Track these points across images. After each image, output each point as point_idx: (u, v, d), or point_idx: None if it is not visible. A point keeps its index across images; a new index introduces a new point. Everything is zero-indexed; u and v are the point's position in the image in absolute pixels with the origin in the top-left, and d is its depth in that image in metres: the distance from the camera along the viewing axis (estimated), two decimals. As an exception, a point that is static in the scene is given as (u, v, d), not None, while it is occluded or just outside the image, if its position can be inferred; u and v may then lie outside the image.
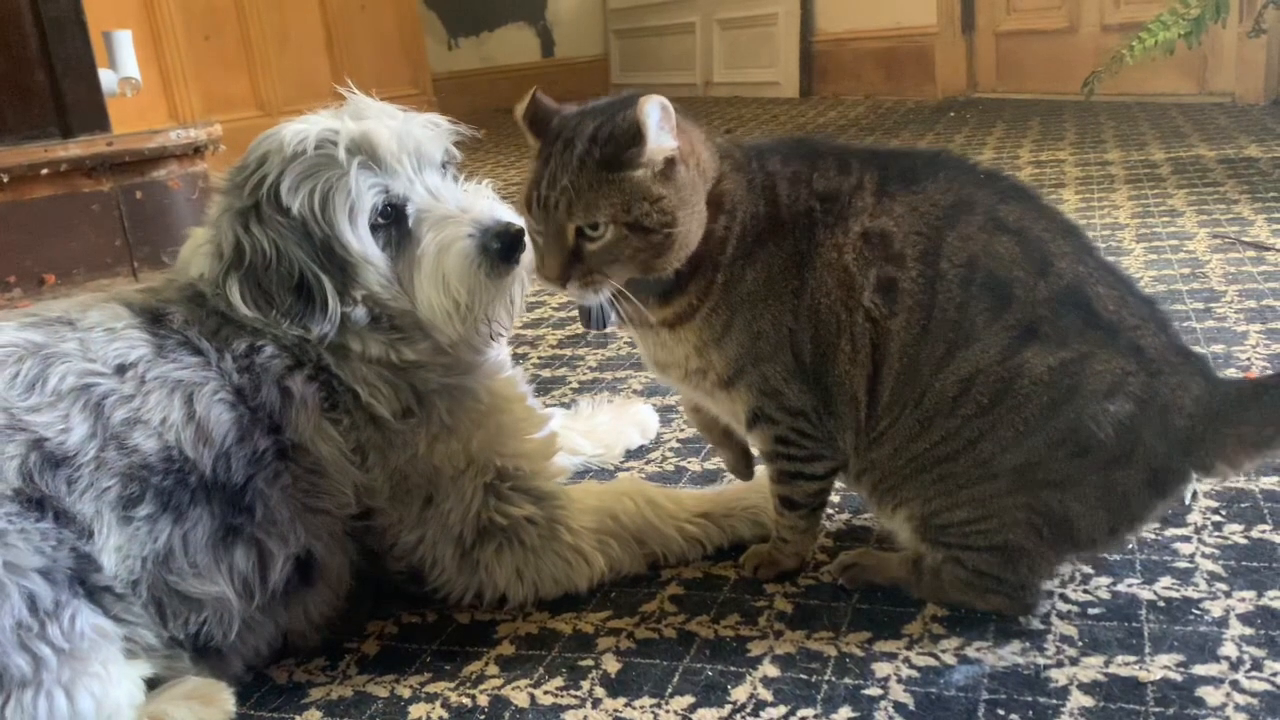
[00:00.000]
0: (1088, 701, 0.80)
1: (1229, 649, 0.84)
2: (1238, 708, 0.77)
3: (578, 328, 1.84)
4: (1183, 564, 0.96)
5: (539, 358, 1.74)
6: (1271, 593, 0.91)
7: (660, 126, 0.82)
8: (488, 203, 0.98)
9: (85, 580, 0.82)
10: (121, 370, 0.88)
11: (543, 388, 1.57)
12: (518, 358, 1.71)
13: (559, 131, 0.86)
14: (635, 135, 0.82)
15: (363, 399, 0.94)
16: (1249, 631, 0.86)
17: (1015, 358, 0.84)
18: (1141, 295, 0.89)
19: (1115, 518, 0.87)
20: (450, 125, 1.01)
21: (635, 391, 1.54)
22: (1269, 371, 1.38)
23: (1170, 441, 0.84)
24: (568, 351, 1.75)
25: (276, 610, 0.92)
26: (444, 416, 0.98)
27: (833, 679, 0.86)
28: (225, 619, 0.89)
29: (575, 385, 1.59)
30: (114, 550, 0.84)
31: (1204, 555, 0.97)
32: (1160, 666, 0.83)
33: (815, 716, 0.82)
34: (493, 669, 0.92)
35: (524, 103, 0.89)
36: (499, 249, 0.94)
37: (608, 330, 0.97)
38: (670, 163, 0.84)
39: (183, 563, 0.86)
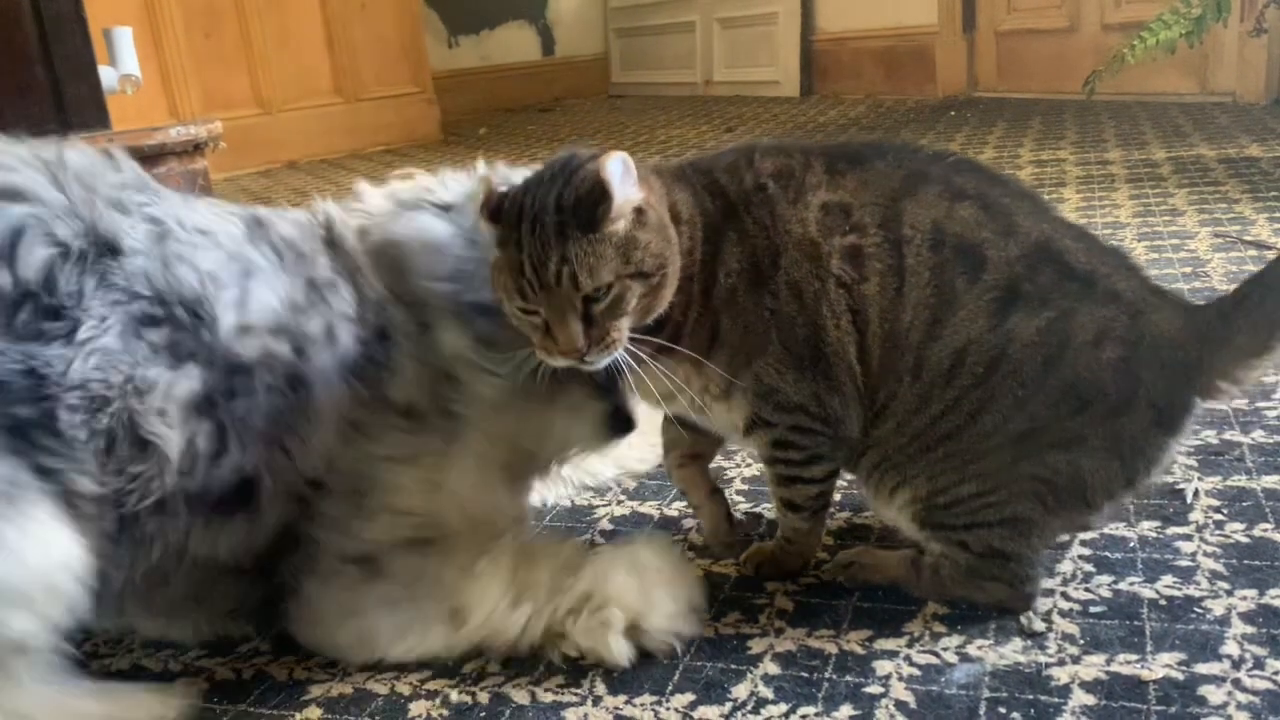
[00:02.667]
0: (1089, 700, 0.79)
1: (1231, 647, 0.84)
2: (1240, 706, 0.77)
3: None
4: (1184, 562, 0.96)
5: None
6: (1273, 591, 0.90)
7: (623, 181, 0.82)
8: None
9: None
10: (201, 232, 0.91)
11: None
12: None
13: (517, 213, 0.84)
14: (601, 193, 0.81)
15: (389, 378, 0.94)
16: (1251, 630, 0.86)
17: (1003, 325, 0.85)
18: (1106, 245, 0.91)
19: (1130, 467, 0.87)
20: None
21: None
22: (1270, 374, 1.38)
23: (1168, 375, 0.85)
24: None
25: (198, 517, 0.88)
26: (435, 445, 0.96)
27: (834, 677, 0.85)
28: (154, 485, 0.85)
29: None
30: (99, 352, 0.82)
31: (1206, 554, 0.97)
32: (1162, 665, 0.83)
33: (816, 714, 0.81)
34: (493, 666, 0.92)
35: (480, 198, 0.87)
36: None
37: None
38: (640, 211, 0.84)
39: (157, 402, 0.84)
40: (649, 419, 1.25)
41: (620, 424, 1.05)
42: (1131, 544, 1.00)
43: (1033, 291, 0.85)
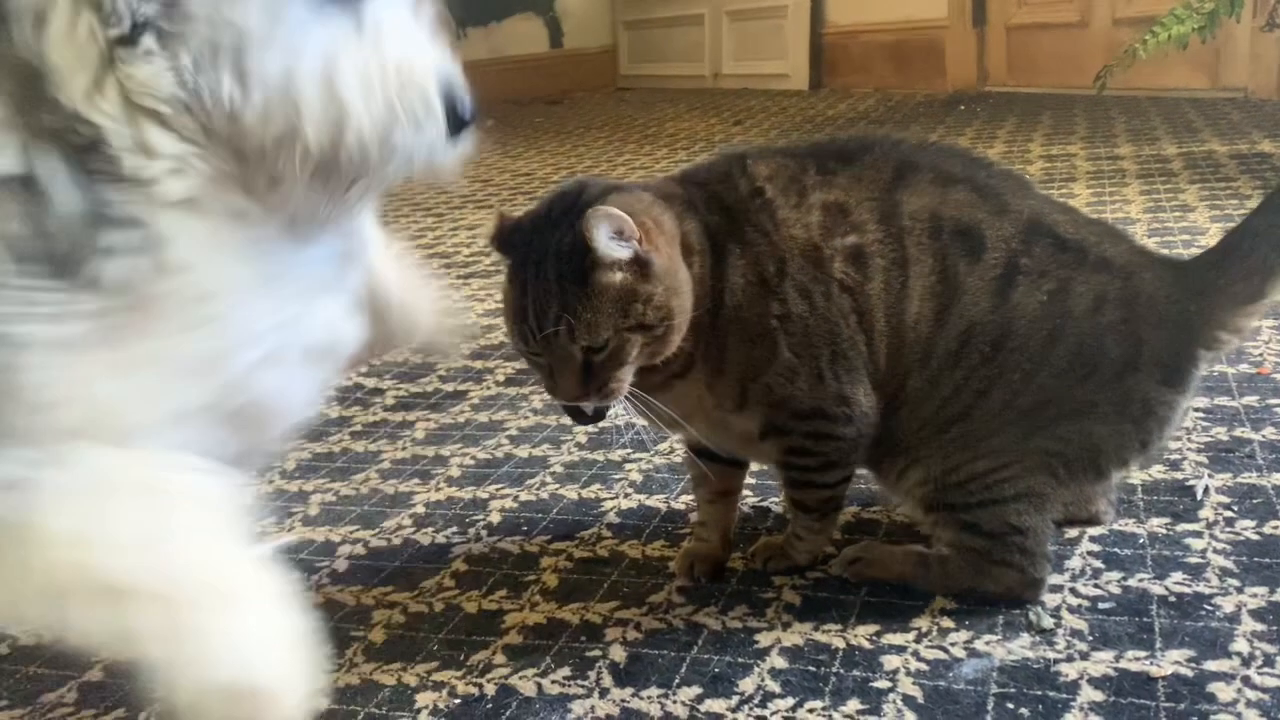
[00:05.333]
0: (1098, 696, 0.79)
1: (1241, 645, 0.83)
2: (1249, 704, 0.77)
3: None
4: (1194, 559, 0.96)
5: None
6: (1284, 589, 0.90)
7: (610, 238, 0.81)
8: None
9: None
10: None
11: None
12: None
13: (525, 252, 0.84)
14: (585, 249, 0.81)
15: None
16: (1261, 628, 0.85)
17: (1006, 304, 0.86)
18: (1089, 218, 0.93)
19: (1143, 429, 0.88)
20: None
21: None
22: (1281, 367, 1.37)
23: (1167, 331, 0.86)
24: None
25: None
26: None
27: (841, 671, 0.85)
28: None
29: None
30: None
31: (1215, 551, 0.97)
32: (1171, 662, 0.82)
33: (823, 708, 0.81)
34: (500, 658, 0.92)
35: (491, 226, 0.88)
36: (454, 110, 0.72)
37: (605, 420, 0.94)
38: (642, 263, 0.83)
39: None
40: None
41: None
42: (1141, 540, 1.00)
43: (1031, 266, 0.86)
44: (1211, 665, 0.81)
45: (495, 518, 1.19)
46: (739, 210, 0.89)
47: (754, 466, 1.22)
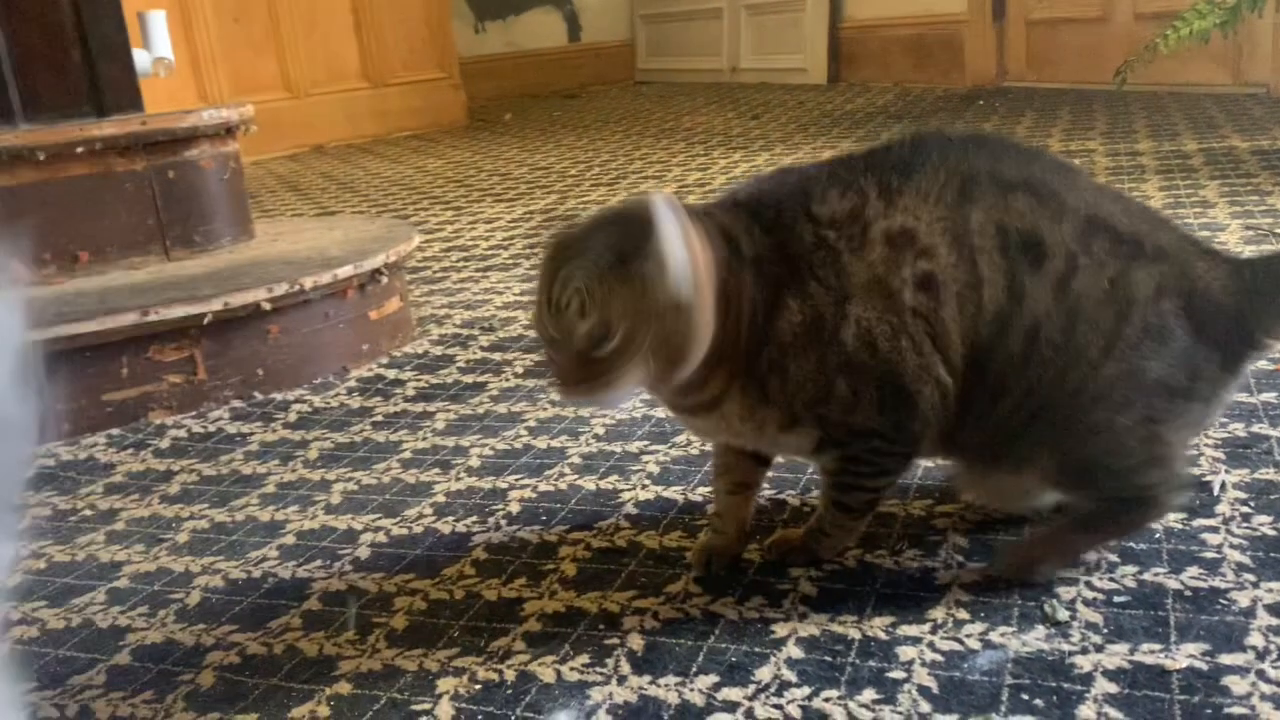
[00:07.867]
0: (1112, 688, 0.80)
1: (1255, 639, 0.84)
2: (1263, 697, 0.77)
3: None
4: (1210, 554, 0.96)
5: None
6: (1299, 584, 0.90)
7: (683, 263, 0.82)
8: None
9: None
10: None
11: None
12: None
13: (555, 262, 0.86)
14: (657, 258, 0.81)
15: None
16: (1276, 622, 0.86)
17: (1069, 293, 0.86)
18: (1138, 205, 0.94)
19: (1204, 411, 0.91)
20: None
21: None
22: (1300, 364, 1.37)
23: (1224, 319, 0.88)
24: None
25: None
26: None
27: (857, 661, 0.86)
28: None
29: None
30: None
31: (1231, 546, 0.97)
32: (1186, 655, 0.83)
33: (839, 697, 0.82)
34: (520, 645, 0.93)
35: (544, 240, 0.90)
36: None
37: (623, 412, 0.95)
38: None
39: None
40: None
41: None
42: (1157, 535, 1.00)
43: (1090, 263, 0.87)
44: (1226, 659, 0.82)
45: (514, 507, 1.20)
46: (802, 260, 0.87)
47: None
